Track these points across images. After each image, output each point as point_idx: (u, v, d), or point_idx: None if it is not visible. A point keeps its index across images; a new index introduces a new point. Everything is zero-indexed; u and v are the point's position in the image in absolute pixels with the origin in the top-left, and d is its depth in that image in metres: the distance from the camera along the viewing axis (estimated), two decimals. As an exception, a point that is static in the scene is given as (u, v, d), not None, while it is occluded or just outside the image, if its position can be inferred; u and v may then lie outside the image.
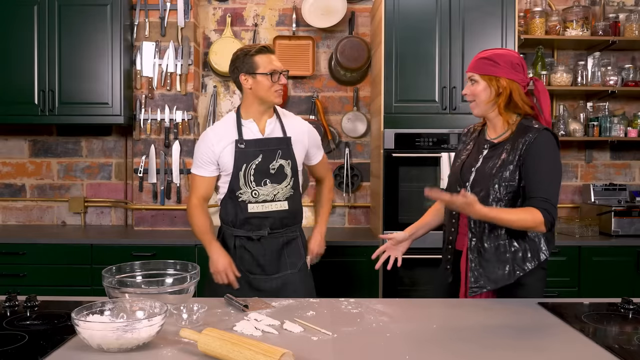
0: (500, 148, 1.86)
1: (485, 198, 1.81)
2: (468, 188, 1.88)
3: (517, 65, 1.84)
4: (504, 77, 1.82)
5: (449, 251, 1.97)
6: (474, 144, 1.98)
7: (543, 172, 1.77)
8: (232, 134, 2.17)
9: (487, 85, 1.84)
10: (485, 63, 1.84)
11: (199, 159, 2.20)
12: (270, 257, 2.19)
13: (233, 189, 2.15)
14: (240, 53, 2.16)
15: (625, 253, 3.23)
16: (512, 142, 1.83)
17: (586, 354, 1.33)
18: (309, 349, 1.32)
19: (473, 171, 1.89)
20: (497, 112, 1.87)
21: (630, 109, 3.82)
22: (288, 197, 2.19)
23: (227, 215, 2.20)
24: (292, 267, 2.22)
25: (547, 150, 1.78)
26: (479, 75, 1.85)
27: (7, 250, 3.16)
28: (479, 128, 2.02)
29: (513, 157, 1.80)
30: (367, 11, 3.81)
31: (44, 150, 3.82)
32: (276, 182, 2.17)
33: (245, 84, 2.15)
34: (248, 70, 2.13)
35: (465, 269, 1.87)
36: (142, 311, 1.43)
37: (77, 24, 3.36)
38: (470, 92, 1.88)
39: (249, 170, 2.13)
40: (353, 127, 3.80)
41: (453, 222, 1.95)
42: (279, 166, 2.17)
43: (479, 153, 1.92)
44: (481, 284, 1.82)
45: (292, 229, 2.25)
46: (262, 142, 2.16)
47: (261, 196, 2.15)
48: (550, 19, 3.54)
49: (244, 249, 2.19)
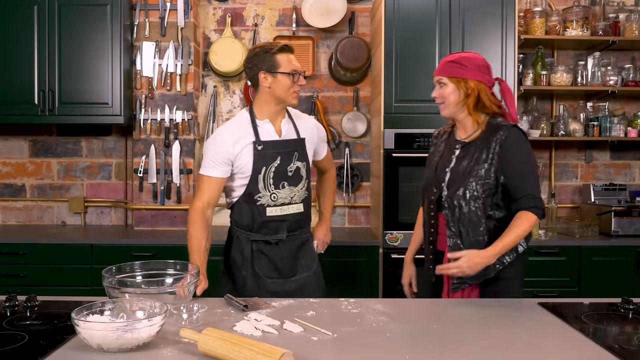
0: (471, 147, 1.93)
1: (463, 197, 1.87)
2: (444, 188, 1.93)
3: (483, 67, 1.92)
4: (472, 79, 1.90)
5: (430, 251, 2.03)
6: (445, 145, 2.04)
7: (521, 170, 1.86)
8: (248, 134, 2.08)
9: (456, 87, 1.91)
10: (453, 66, 1.91)
11: (212, 159, 2.06)
12: (287, 260, 2.14)
13: (251, 193, 2.07)
14: (260, 50, 2.06)
15: (625, 253, 3.23)
16: (483, 140, 1.90)
17: (586, 354, 1.33)
18: (309, 349, 1.32)
19: (447, 171, 1.95)
20: (467, 112, 1.94)
21: (630, 109, 3.82)
22: (303, 199, 2.15)
23: (242, 219, 2.12)
24: (308, 270, 2.18)
25: (519, 146, 1.87)
26: (447, 78, 1.92)
27: (7, 250, 3.16)
28: (448, 130, 2.08)
29: (486, 155, 1.87)
30: (367, 11, 3.81)
31: (44, 150, 3.82)
32: (293, 184, 2.11)
33: (264, 83, 2.06)
34: (269, 68, 2.04)
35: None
36: (142, 311, 1.43)
37: (77, 24, 3.36)
38: (439, 94, 1.95)
39: (268, 173, 2.06)
40: (353, 127, 3.80)
41: (432, 223, 2.00)
42: (295, 168, 2.12)
43: (451, 153, 1.99)
44: (462, 280, 1.88)
45: (305, 230, 2.22)
46: (279, 144, 2.09)
47: (279, 199, 2.09)
48: (550, 19, 3.54)
49: (261, 253, 2.12)
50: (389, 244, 3.19)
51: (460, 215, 1.88)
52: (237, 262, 2.13)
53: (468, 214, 1.87)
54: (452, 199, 1.90)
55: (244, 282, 2.10)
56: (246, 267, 2.11)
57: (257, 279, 2.09)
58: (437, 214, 1.97)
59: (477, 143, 1.91)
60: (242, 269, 2.11)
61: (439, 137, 2.11)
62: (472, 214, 1.87)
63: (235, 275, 2.13)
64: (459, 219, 1.88)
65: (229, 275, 2.17)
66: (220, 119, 3.82)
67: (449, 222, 1.90)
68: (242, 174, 2.07)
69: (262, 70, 2.04)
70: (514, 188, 1.86)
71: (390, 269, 3.16)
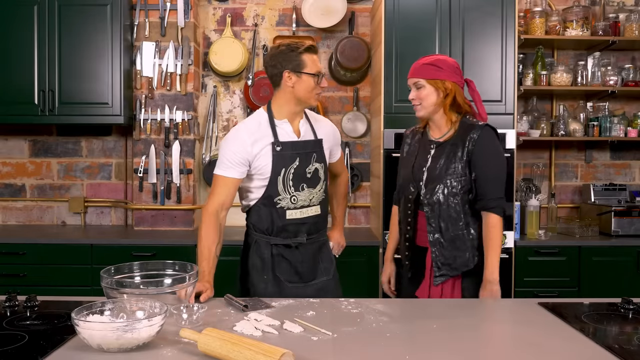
0: (446, 146, 2.00)
1: (442, 193, 1.95)
2: (422, 187, 2.00)
3: (457, 69, 2.00)
4: (448, 80, 1.96)
5: (406, 248, 2.09)
6: (419, 145, 2.10)
7: (488, 171, 1.94)
8: (267, 135, 2.01)
9: (434, 89, 1.98)
10: (430, 68, 1.97)
11: (229, 159, 1.98)
12: (307, 264, 2.09)
13: (270, 195, 2.01)
14: (286, 49, 1.99)
15: (625, 253, 3.23)
16: (458, 138, 1.97)
17: (586, 353, 1.33)
18: (309, 349, 1.32)
19: (425, 171, 2.02)
20: (442, 112, 2.00)
21: (630, 109, 3.82)
22: (321, 200, 2.11)
23: (261, 223, 2.05)
24: (327, 273, 2.15)
25: (490, 147, 1.95)
26: (425, 80, 1.98)
27: (7, 250, 3.16)
28: (421, 130, 2.14)
29: (461, 152, 1.95)
30: (367, 11, 3.81)
31: (44, 150, 3.82)
32: (312, 186, 2.06)
33: (288, 82, 1.99)
34: (294, 68, 1.97)
35: (430, 264, 1.99)
36: (142, 311, 1.43)
37: (77, 24, 3.36)
38: (416, 96, 2.01)
39: (288, 175, 2.00)
40: (353, 127, 3.80)
41: (409, 221, 2.06)
42: (314, 170, 2.07)
43: (426, 153, 2.05)
44: (443, 273, 1.96)
45: (323, 232, 2.17)
46: (298, 144, 2.04)
47: (299, 202, 2.04)
48: (550, 19, 3.54)
49: (282, 257, 2.06)
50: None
51: (440, 212, 1.96)
52: (257, 267, 2.06)
53: (447, 210, 1.95)
54: (432, 196, 1.96)
55: (265, 286, 2.04)
56: (267, 271, 2.05)
57: (279, 284, 2.04)
58: (416, 212, 2.04)
59: (452, 142, 1.98)
60: (262, 274, 2.05)
61: (411, 136, 2.17)
62: (451, 210, 1.95)
63: (255, 280, 2.06)
64: (439, 215, 1.96)
65: (243, 283, 2.11)
66: (220, 119, 3.82)
67: (429, 218, 1.98)
68: (261, 175, 2.01)
69: (287, 69, 1.98)
70: (479, 187, 1.95)
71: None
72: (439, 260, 1.96)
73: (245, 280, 2.10)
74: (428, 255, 2.00)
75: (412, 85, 2.01)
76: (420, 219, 2.03)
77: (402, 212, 2.11)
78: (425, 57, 2.03)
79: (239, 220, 2.15)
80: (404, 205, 2.08)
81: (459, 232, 1.96)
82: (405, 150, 2.17)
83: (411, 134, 2.18)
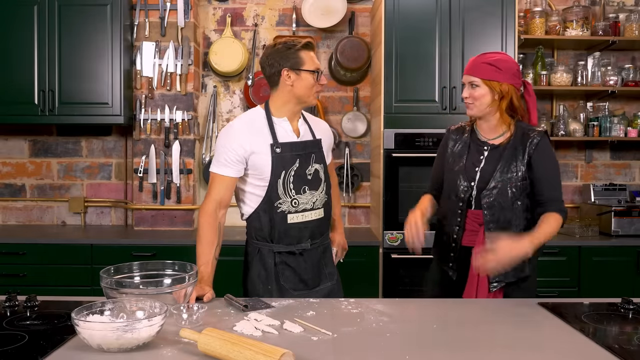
0: (503, 149, 1.94)
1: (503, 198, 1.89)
2: (474, 187, 1.93)
3: (517, 72, 1.92)
4: (506, 82, 1.89)
5: (452, 249, 1.98)
6: (467, 144, 2.02)
7: (550, 175, 1.92)
8: (264, 133, 1.94)
9: (490, 90, 1.90)
10: (489, 69, 1.89)
11: (225, 157, 1.91)
12: (312, 271, 2.03)
13: (270, 199, 1.93)
14: (282, 46, 1.92)
15: (625, 253, 3.23)
16: (516, 143, 1.92)
17: (586, 354, 1.33)
18: (309, 349, 1.32)
19: (477, 171, 1.95)
20: (498, 114, 1.93)
21: (630, 109, 3.82)
22: (324, 203, 2.04)
23: (262, 230, 1.97)
24: (331, 278, 2.10)
25: (550, 152, 1.93)
26: (481, 80, 1.89)
27: (7, 250, 3.16)
28: (469, 127, 2.05)
29: (522, 157, 1.90)
30: (367, 11, 3.81)
31: (44, 150, 3.82)
32: (313, 188, 1.99)
33: (287, 81, 1.92)
34: (293, 65, 1.91)
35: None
36: (142, 311, 1.43)
37: (77, 24, 3.36)
38: (470, 95, 1.92)
39: (288, 178, 1.93)
40: (353, 127, 3.80)
41: (459, 221, 1.96)
42: (314, 171, 2.00)
43: (479, 154, 1.97)
44: (500, 279, 1.89)
45: (326, 236, 2.11)
46: (297, 145, 1.96)
47: (301, 205, 1.96)
48: (550, 19, 3.54)
49: (286, 265, 1.98)
50: (389, 244, 3.19)
51: (499, 215, 1.89)
52: (262, 277, 1.99)
53: (506, 213, 1.89)
54: (493, 199, 1.90)
55: (271, 297, 1.95)
56: (271, 281, 1.98)
57: (284, 293, 1.97)
58: (465, 210, 1.96)
59: (509, 146, 1.92)
60: (267, 284, 1.98)
61: (457, 133, 2.07)
62: (510, 214, 1.89)
63: (261, 292, 1.99)
64: (498, 219, 1.89)
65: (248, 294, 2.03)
66: (220, 119, 3.82)
67: (488, 222, 1.90)
68: (259, 175, 1.94)
69: (285, 67, 1.91)
70: (541, 192, 1.90)
71: (391, 269, 3.16)
72: None
73: (251, 290, 2.02)
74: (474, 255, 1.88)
75: (467, 83, 1.92)
76: (468, 219, 1.95)
77: (450, 211, 2.00)
78: (485, 54, 1.94)
79: (240, 220, 2.12)
80: (454, 203, 1.98)
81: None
82: (451, 147, 2.06)
83: (457, 131, 2.08)
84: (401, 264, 3.17)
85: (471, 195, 1.95)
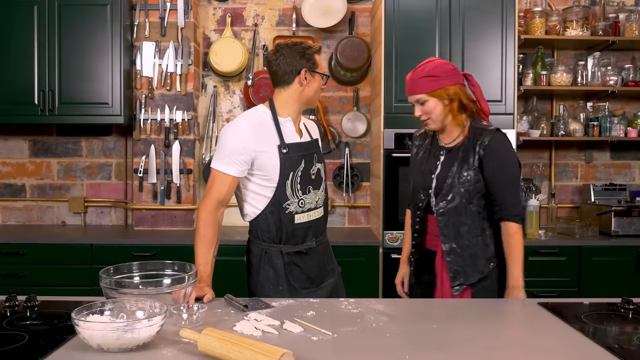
0: (456, 152, 1.94)
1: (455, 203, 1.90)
2: (432, 194, 1.95)
3: (453, 70, 1.91)
4: (449, 85, 1.88)
5: (414, 253, 2.07)
6: (428, 151, 2.04)
7: (502, 178, 1.88)
8: (271, 132, 1.94)
9: (438, 100, 1.89)
10: (427, 80, 1.88)
11: (230, 155, 1.87)
12: (317, 268, 2.04)
13: (279, 200, 1.92)
14: (301, 47, 1.95)
15: (625, 253, 3.23)
16: (469, 144, 1.91)
17: (586, 354, 1.32)
18: (309, 349, 1.32)
19: (434, 178, 1.96)
20: (451, 118, 1.92)
21: (630, 109, 3.82)
22: (324, 201, 2.07)
23: (269, 231, 1.96)
24: (333, 274, 2.12)
25: (502, 152, 1.89)
26: (426, 95, 1.89)
27: (7, 250, 3.16)
28: (431, 133, 2.07)
29: (472, 159, 1.89)
30: (367, 11, 3.81)
31: (44, 150, 3.82)
32: (316, 187, 2.02)
33: (303, 81, 1.94)
34: (311, 67, 1.95)
35: (440, 269, 1.95)
36: (142, 311, 1.43)
37: (77, 24, 3.36)
38: (422, 112, 1.92)
39: (296, 179, 1.94)
40: (353, 127, 3.80)
41: (417, 228, 2.03)
42: (317, 171, 2.03)
43: (435, 159, 1.99)
44: (461, 282, 1.91)
45: (325, 234, 2.14)
46: (302, 146, 1.98)
47: (306, 205, 1.98)
48: (550, 19, 3.54)
49: (294, 264, 1.98)
50: (389, 244, 3.19)
51: (454, 221, 1.91)
52: (272, 279, 1.98)
53: (461, 218, 1.90)
54: (446, 205, 1.91)
55: (281, 297, 1.93)
56: (281, 282, 1.97)
57: (294, 293, 1.97)
58: (425, 218, 2.00)
59: (461, 148, 1.92)
60: (278, 285, 1.98)
61: (420, 140, 2.11)
62: (465, 218, 1.91)
63: (271, 293, 1.97)
64: (453, 224, 1.91)
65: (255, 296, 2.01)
66: (220, 119, 3.82)
67: (443, 228, 1.92)
68: (266, 177, 1.92)
69: (305, 67, 1.94)
70: (495, 196, 1.89)
71: (390, 269, 3.16)
72: (456, 270, 1.91)
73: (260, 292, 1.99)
74: (437, 259, 1.95)
75: (415, 102, 1.93)
76: (430, 223, 1.98)
77: (412, 218, 2.08)
78: (417, 69, 1.93)
79: (240, 220, 2.10)
80: (413, 211, 2.05)
81: (473, 240, 1.90)
82: (415, 152, 2.11)
83: (420, 137, 2.12)
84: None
85: (429, 202, 1.97)
